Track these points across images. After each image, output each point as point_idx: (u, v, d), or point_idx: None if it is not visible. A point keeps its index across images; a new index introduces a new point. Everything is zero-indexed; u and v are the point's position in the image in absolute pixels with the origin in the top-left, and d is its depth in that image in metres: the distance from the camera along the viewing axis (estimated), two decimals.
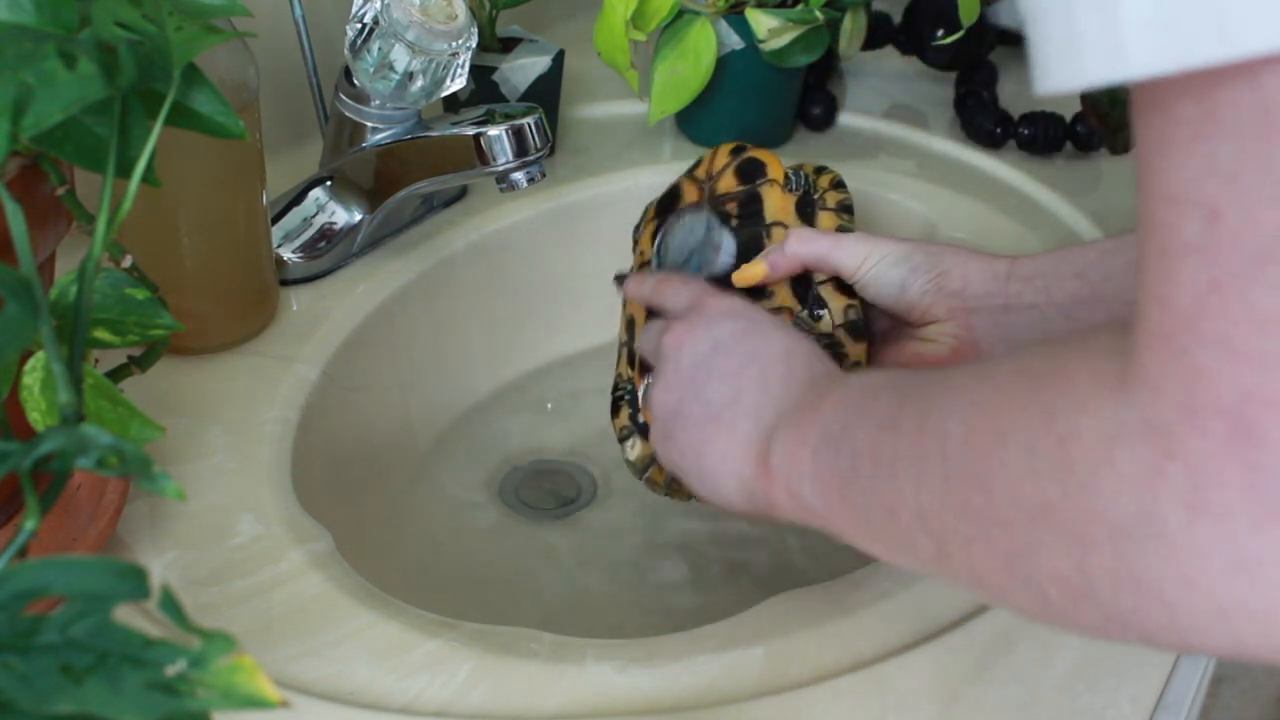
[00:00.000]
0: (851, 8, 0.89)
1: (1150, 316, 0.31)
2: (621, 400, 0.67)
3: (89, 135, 0.42)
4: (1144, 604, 0.32)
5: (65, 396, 0.36)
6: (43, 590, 0.31)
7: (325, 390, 0.70)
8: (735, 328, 0.56)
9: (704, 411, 0.54)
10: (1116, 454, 0.32)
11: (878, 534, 0.44)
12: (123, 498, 0.55)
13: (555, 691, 0.52)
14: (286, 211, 0.76)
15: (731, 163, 0.71)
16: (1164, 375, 0.31)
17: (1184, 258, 0.30)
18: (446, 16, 0.70)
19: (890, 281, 0.62)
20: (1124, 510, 0.32)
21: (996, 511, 0.36)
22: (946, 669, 0.53)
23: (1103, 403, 0.33)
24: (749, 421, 0.52)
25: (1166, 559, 0.31)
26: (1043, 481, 0.34)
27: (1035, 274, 0.61)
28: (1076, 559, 0.34)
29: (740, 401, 0.53)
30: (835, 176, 0.71)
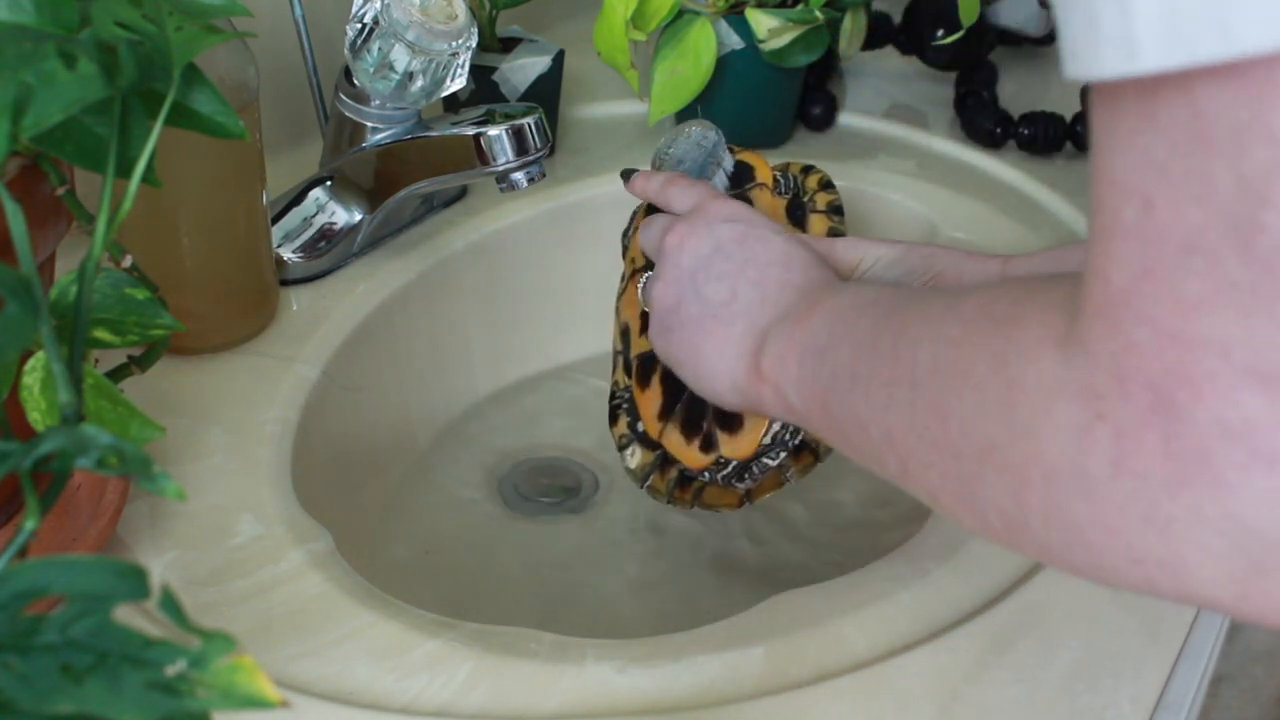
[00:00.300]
0: (851, 8, 0.89)
1: (1093, 288, 0.34)
2: (619, 409, 0.67)
3: (89, 135, 0.42)
4: (1070, 542, 0.36)
5: (65, 396, 0.36)
6: (43, 590, 0.31)
7: (325, 390, 0.70)
8: (736, 231, 0.58)
9: (701, 309, 0.57)
10: (1055, 406, 0.35)
11: (851, 443, 0.48)
12: (123, 498, 0.55)
13: (555, 691, 0.52)
14: (286, 211, 0.76)
15: None
16: (1100, 343, 0.33)
17: (1122, 239, 0.32)
18: (446, 16, 0.70)
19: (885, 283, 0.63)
20: (1057, 458, 0.35)
21: (951, 442, 0.40)
22: (946, 669, 0.53)
23: (1047, 356, 0.36)
24: (744, 322, 0.55)
25: (1091, 507, 0.34)
26: (990, 420, 0.38)
27: (1030, 273, 0.61)
28: (1015, 494, 0.37)
29: (737, 302, 0.56)
30: (823, 176, 0.71)
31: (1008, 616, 0.56)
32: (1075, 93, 0.91)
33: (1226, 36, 0.28)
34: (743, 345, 0.55)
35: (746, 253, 0.57)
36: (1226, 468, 0.31)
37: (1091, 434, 0.33)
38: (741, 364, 0.55)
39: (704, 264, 0.58)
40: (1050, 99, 0.97)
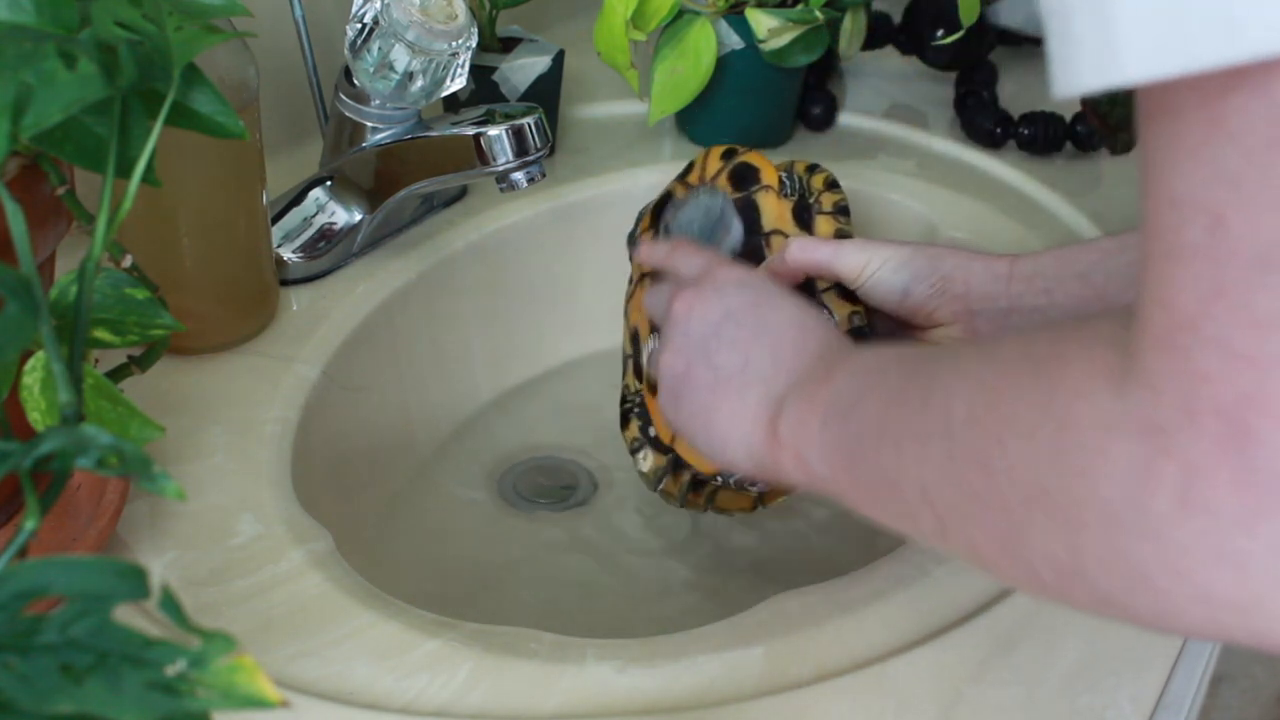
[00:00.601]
0: (851, 8, 0.89)
1: (1152, 317, 0.32)
2: (630, 412, 0.67)
3: (89, 135, 0.42)
4: (1132, 588, 0.34)
5: (65, 396, 0.36)
6: (43, 590, 0.31)
7: (325, 390, 0.70)
8: (747, 297, 0.57)
9: (714, 377, 0.55)
10: (1112, 445, 0.33)
11: (881, 505, 0.45)
12: (123, 498, 0.55)
13: (555, 691, 0.52)
14: (286, 211, 0.76)
15: (724, 167, 0.70)
16: (1164, 375, 0.31)
17: (1187, 261, 0.30)
18: (446, 16, 0.70)
19: (893, 287, 0.63)
20: (1116, 500, 0.33)
21: (994, 491, 0.38)
22: (947, 669, 0.53)
23: (1101, 393, 0.34)
24: (759, 388, 0.53)
25: (1156, 550, 0.32)
26: (1039, 464, 0.36)
27: (1036, 274, 0.61)
28: (1068, 541, 0.35)
29: (750, 369, 0.54)
30: (828, 176, 0.71)
31: (1008, 616, 0.56)
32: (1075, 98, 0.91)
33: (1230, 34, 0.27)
34: (758, 412, 0.53)
35: (758, 319, 0.56)
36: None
37: (1155, 472, 0.32)
38: (757, 432, 0.53)
39: (714, 331, 0.56)
40: (1050, 99, 0.96)
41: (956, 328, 0.62)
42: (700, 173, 0.72)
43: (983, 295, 0.61)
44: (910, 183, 0.91)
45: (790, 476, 0.52)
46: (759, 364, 0.54)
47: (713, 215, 0.68)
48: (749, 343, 0.55)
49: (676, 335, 0.57)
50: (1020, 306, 0.61)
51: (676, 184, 0.73)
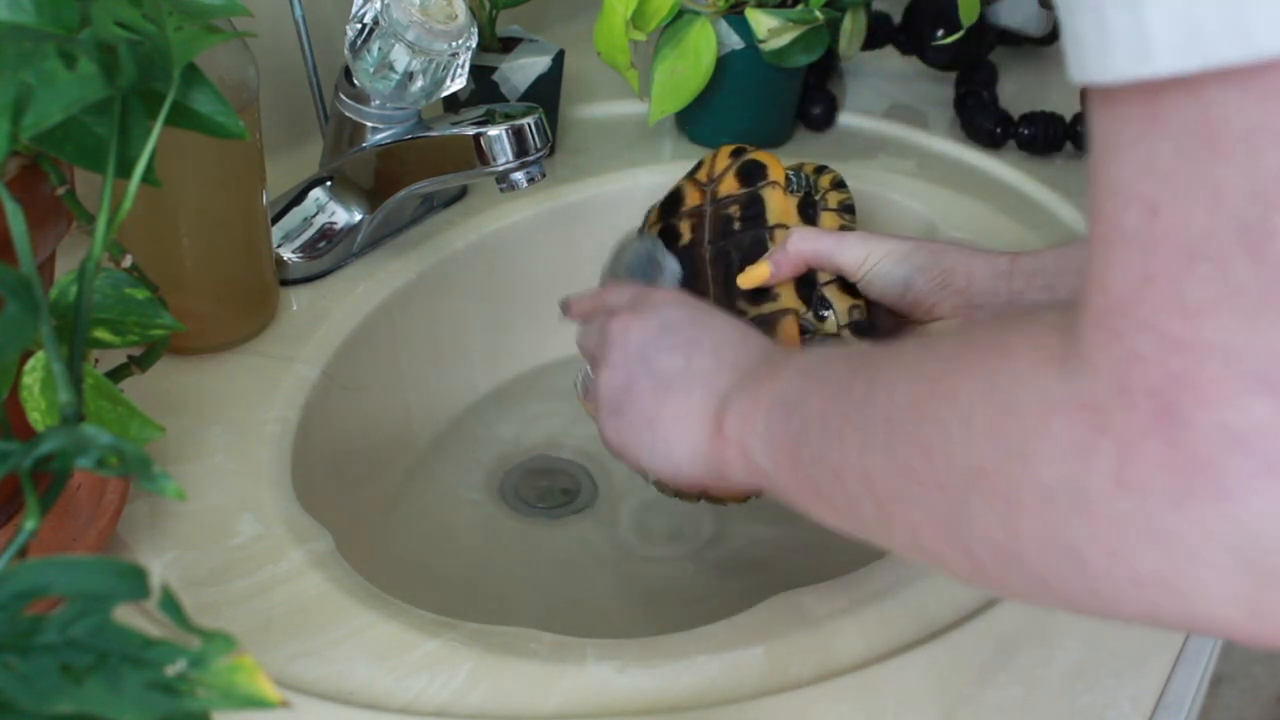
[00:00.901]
0: (851, 8, 0.89)
1: (1093, 299, 0.33)
2: None
3: (89, 135, 0.42)
4: (1067, 569, 0.34)
5: (65, 396, 0.36)
6: (43, 590, 0.31)
7: (325, 390, 0.70)
8: (682, 312, 0.57)
9: (655, 383, 0.55)
10: (1052, 423, 0.34)
11: (824, 496, 0.46)
12: (123, 498, 0.55)
13: (555, 691, 0.52)
14: (286, 211, 0.76)
15: (732, 165, 0.71)
16: (1101, 355, 0.32)
17: (1123, 247, 0.31)
18: (446, 16, 0.70)
19: (894, 280, 0.63)
20: (1054, 478, 0.33)
21: (934, 475, 0.38)
22: (947, 669, 0.53)
23: (1043, 375, 0.34)
24: (701, 387, 0.54)
25: (1091, 528, 0.33)
26: (979, 446, 0.36)
27: (1038, 270, 0.61)
28: (1006, 522, 0.35)
29: (693, 368, 0.54)
30: (836, 176, 0.71)
31: (1008, 617, 0.56)
32: (1075, 93, 0.91)
33: (1246, 39, 0.27)
34: (703, 409, 0.53)
35: (697, 327, 0.56)
36: (1233, 477, 0.29)
37: (1092, 449, 0.32)
38: (703, 429, 0.53)
39: (653, 341, 0.56)
40: (1050, 99, 0.97)
41: (956, 322, 0.62)
42: (709, 170, 0.72)
43: (984, 290, 0.61)
44: (910, 183, 0.91)
45: (735, 474, 0.52)
46: (701, 363, 0.54)
47: (643, 258, 0.68)
48: (690, 346, 0.55)
49: (614, 353, 0.57)
50: (1021, 301, 0.61)
51: (686, 182, 0.73)
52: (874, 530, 0.43)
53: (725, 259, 0.67)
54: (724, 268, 0.67)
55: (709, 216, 0.70)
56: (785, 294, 0.65)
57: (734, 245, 0.67)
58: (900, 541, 0.42)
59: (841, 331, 0.64)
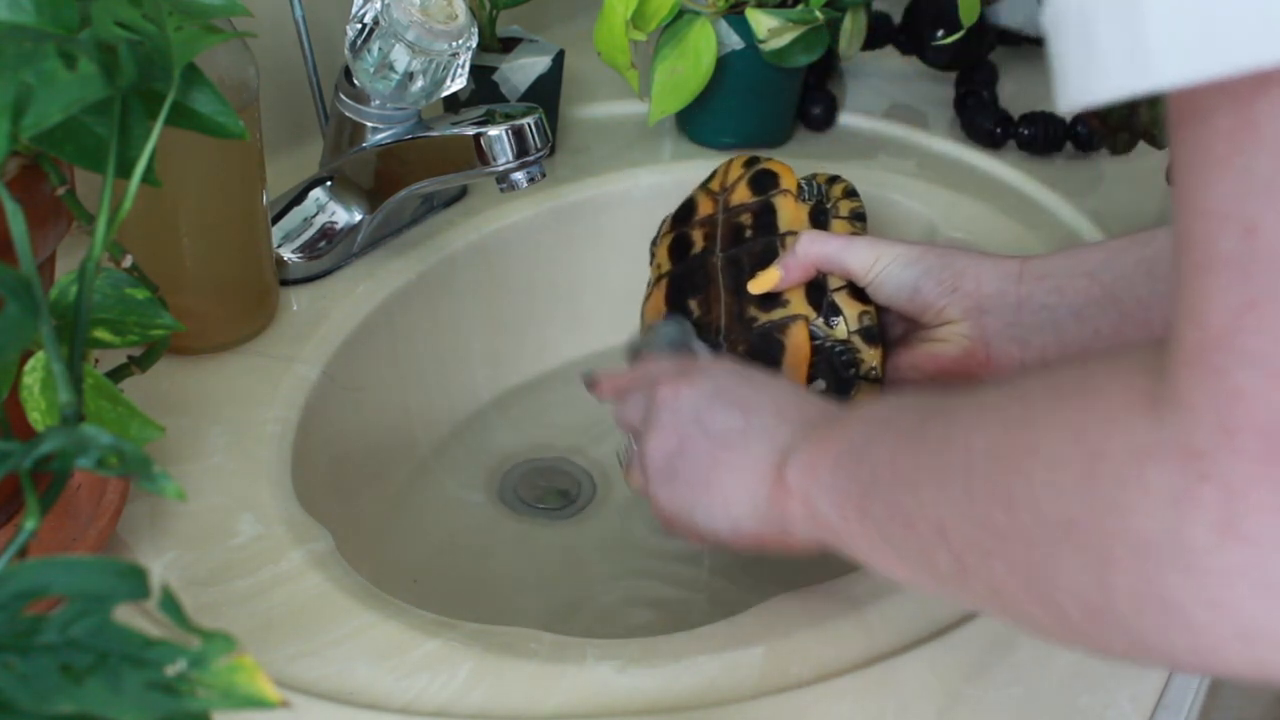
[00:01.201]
0: (851, 8, 0.89)
1: (1185, 333, 0.31)
2: None
3: (89, 135, 0.42)
4: (1166, 624, 0.32)
5: (65, 396, 0.36)
6: (43, 590, 0.31)
7: (325, 390, 0.70)
8: (736, 376, 0.55)
9: (711, 443, 0.53)
10: (1147, 472, 0.32)
11: (895, 547, 0.43)
12: (123, 498, 0.55)
13: (555, 691, 0.52)
14: (286, 211, 0.76)
15: (745, 174, 0.71)
16: (1199, 394, 0.30)
17: (1219, 273, 0.29)
18: (446, 16, 0.70)
19: (903, 283, 0.62)
20: (1151, 530, 0.31)
21: (1018, 526, 0.36)
22: (947, 669, 0.53)
23: (1135, 419, 0.32)
24: (763, 441, 0.52)
25: (1193, 581, 0.31)
26: (1067, 497, 0.34)
27: (1047, 273, 0.60)
28: (1098, 576, 0.33)
29: (751, 425, 0.53)
30: (848, 185, 0.71)
31: None
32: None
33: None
34: (763, 464, 0.51)
35: (752, 387, 0.54)
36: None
37: (1193, 498, 0.30)
38: (764, 484, 0.51)
39: (706, 403, 0.54)
40: (1050, 99, 0.96)
41: (965, 325, 0.61)
42: (722, 179, 0.72)
43: (993, 293, 0.61)
44: (910, 183, 0.91)
45: (797, 527, 0.50)
46: (760, 420, 0.53)
47: (675, 341, 0.67)
48: (747, 404, 0.53)
49: (664, 415, 0.55)
50: (1029, 304, 0.60)
51: (699, 192, 0.73)
52: (949, 583, 0.41)
53: (736, 265, 0.67)
54: (734, 274, 0.67)
55: (721, 225, 0.70)
56: (795, 300, 0.65)
57: (745, 252, 0.67)
58: (978, 595, 0.40)
59: (852, 337, 0.64)
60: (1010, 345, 0.61)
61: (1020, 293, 0.61)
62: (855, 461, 0.46)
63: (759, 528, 0.52)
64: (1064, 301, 0.60)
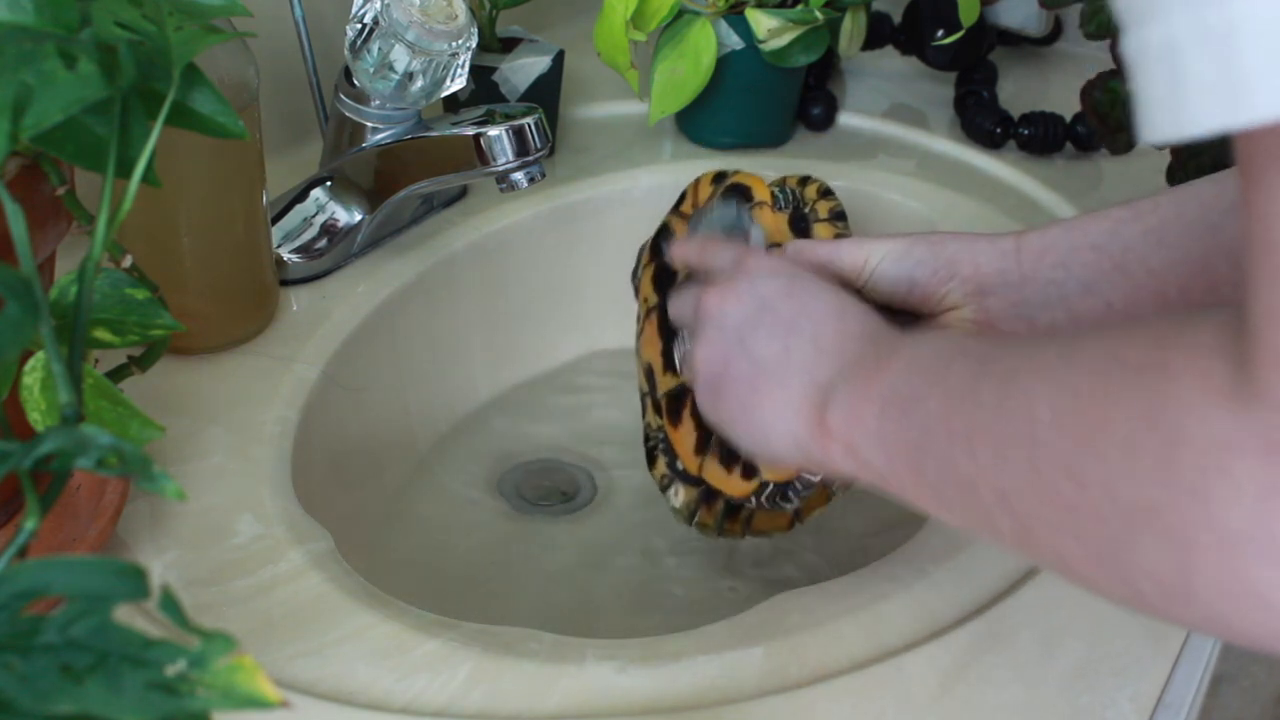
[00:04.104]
0: (851, 8, 0.89)
1: (1268, 333, 0.31)
2: (655, 450, 0.67)
3: (89, 135, 0.42)
4: (1248, 611, 0.33)
5: (65, 396, 0.36)
6: (43, 590, 0.31)
7: (325, 390, 0.70)
8: (781, 284, 0.55)
9: (753, 369, 0.54)
10: (1232, 465, 0.32)
11: (951, 505, 0.44)
12: (123, 498, 0.55)
13: (555, 691, 0.52)
14: (287, 211, 0.76)
15: (715, 192, 0.70)
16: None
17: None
18: (446, 16, 0.70)
19: (898, 279, 0.61)
20: (1237, 522, 0.32)
21: (1091, 504, 0.36)
22: (946, 669, 0.53)
23: (1215, 408, 0.33)
24: (802, 377, 0.52)
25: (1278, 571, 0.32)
26: (1144, 481, 0.34)
27: (1046, 248, 0.59)
28: (1178, 561, 0.34)
29: (791, 357, 0.53)
30: (821, 185, 0.70)
31: (1008, 616, 0.56)
32: (1075, 93, 0.91)
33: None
34: (803, 401, 0.51)
35: (796, 306, 0.54)
36: None
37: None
38: (803, 423, 0.51)
39: (750, 321, 0.54)
40: (1050, 99, 0.97)
41: (969, 309, 0.60)
42: (693, 200, 0.72)
43: (994, 273, 0.60)
44: (910, 183, 0.91)
45: (840, 468, 0.50)
46: (801, 352, 0.53)
47: (729, 223, 0.67)
48: (788, 331, 0.53)
49: (710, 329, 0.56)
50: (1033, 280, 0.59)
51: (672, 217, 0.72)
52: (1012, 542, 0.41)
53: None
54: None
55: None
56: None
57: None
58: (1043, 558, 0.41)
59: None
60: (1017, 324, 0.59)
61: (1023, 270, 0.59)
62: (902, 413, 0.46)
63: (801, 460, 0.53)
64: (1071, 276, 0.58)
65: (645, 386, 0.68)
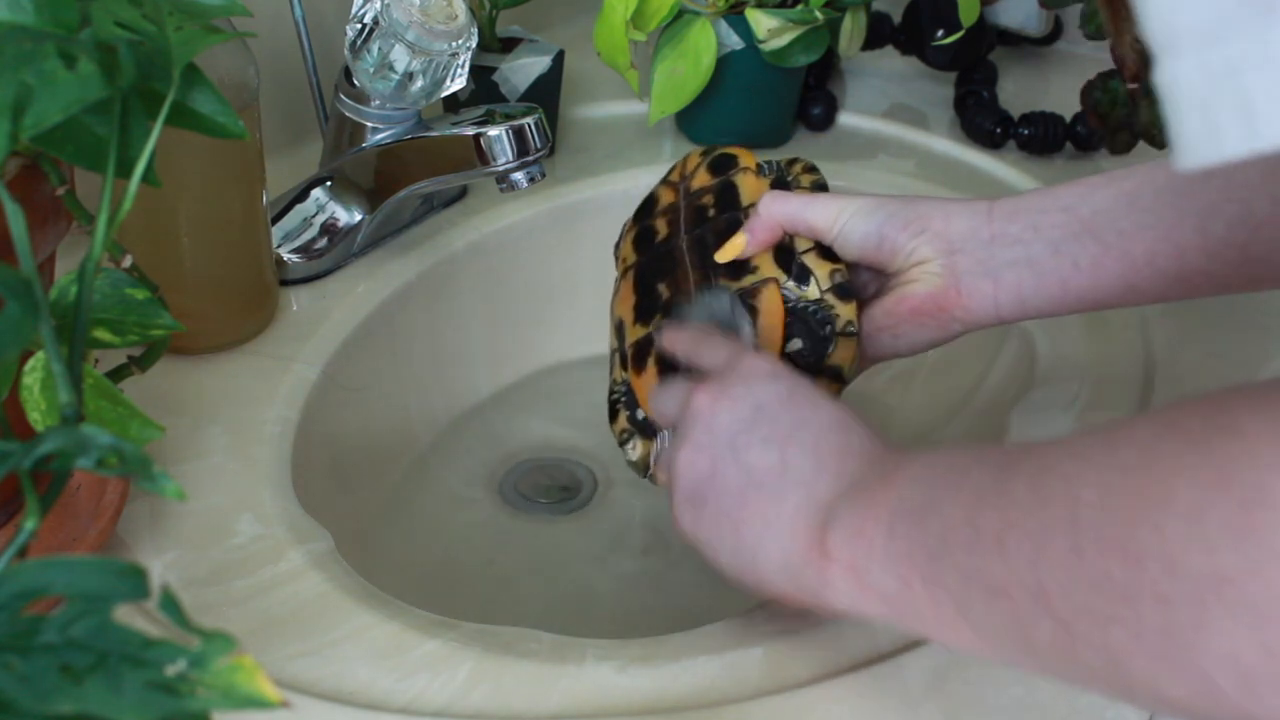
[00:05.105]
0: (851, 8, 0.89)
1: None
2: (618, 404, 0.67)
3: (89, 135, 0.42)
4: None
5: (65, 396, 0.36)
6: (43, 590, 0.31)
7: (325, 390, 0.70)
8: (780, 390, 0.51)
9: (743, 479, 0.49)
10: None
11: (974, 618, 0.40)
12: (123, 498, 0.55)
13: (555, 691, 0.52)
14: (287, 211, 0.76)
15: (703, 161, 0.71)
16: None
17: None
18: (446, 16, 0.70)
19: (868, 232, 0.61)
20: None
21: (1150, 585, 0.33)
22: (946, 669, 0.53)
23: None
24: (799, 493, 0.48)
25: None
26: (1216, 549, 0.31)
27: (1019, 209, 0.59)
28: (1263, 637, 0.31)
29: (788, 470, 0.48)
30: (807, 163, 0.70)
31: None
32: (1075, 93, 0.91)
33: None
34: (799, 520, 0.47)
35: (795, 416, 0.50)
36: None
37: None
38: (797, 542, 0.47)
39: (745, 427, 0.50)
40: (1050, 99, 0.97)
41: (936, 264, 0.60)
42: (682, 169, 0.72)
43: (964, 231, 0.60)
44: (910, 183, 0.91)
45: (837, 596, 0.46)
46: (798, 465, 0.48)
47: (721, 314, 0.63)
48: (785, 441, 0.49)
49: (698, 431, 0.51)
50: (1002, 238, 0.59)
51: (660, 186, 0.72)
52: (1049, 656, 0.37)
53: (701, 243, 0.66)
54: (700, 251, 0.66)
55: (684, 210, 0.69)
56: (764, 264, 0.64)
57: (709, 230, 0.66)
58: (1089, 667, 0.36)
59: (825, 295, 0.62)
60: (983, 281, 0.59)
61: (992, 229, 0.59)
62: (916, 524, 0.42)
63: (788, 587, 0.48)
64: (1039, 236, 0.58)
65: (614, 342, 0.68)
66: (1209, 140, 0.29)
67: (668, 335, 0.61)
